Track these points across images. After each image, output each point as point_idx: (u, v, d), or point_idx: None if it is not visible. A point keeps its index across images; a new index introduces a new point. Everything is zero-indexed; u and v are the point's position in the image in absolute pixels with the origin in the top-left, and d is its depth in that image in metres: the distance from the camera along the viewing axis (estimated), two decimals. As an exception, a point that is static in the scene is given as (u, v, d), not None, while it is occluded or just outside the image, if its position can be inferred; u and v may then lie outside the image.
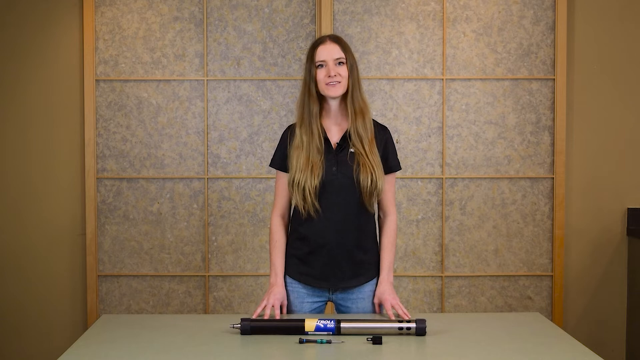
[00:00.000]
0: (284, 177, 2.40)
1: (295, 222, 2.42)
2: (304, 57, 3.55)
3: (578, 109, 3.59)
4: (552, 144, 3.57)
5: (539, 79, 3.56)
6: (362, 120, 2.33)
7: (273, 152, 3.53)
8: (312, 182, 2.29)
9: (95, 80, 3.56)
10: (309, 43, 3.54)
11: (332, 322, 2.09)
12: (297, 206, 2.34)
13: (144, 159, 3.59)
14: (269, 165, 2.47)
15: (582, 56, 3.58)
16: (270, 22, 3.56)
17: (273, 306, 2.32)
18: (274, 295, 2.34)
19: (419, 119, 3.57)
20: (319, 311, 2.44)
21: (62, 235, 3.62)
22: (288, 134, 2.40)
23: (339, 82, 2.29)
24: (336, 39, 2.33)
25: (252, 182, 3.59)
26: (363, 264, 2.39)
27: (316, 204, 2.30)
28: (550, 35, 3.55)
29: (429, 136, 3.57)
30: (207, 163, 3.58)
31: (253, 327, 2.11)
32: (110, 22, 3.56)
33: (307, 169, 2.29)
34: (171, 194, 3.59)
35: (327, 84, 2.29)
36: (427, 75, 3.56)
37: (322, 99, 2.36)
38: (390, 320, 2.14)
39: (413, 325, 2.09)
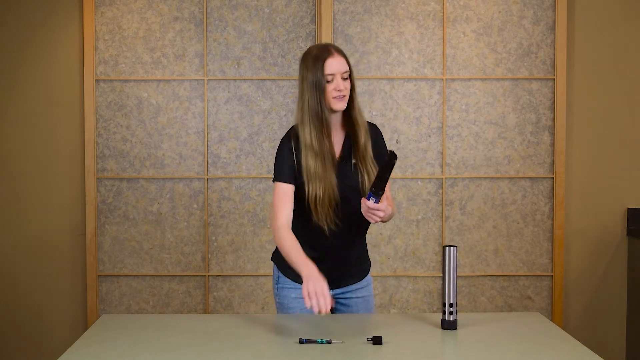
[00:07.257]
0: (289, 189, 2.33)
1: (300, 227, 2.38)
2: (304, 57, 3.55)
3: (578, 109, 3.59)
4: (552, 144, 3.57)
5: (539, 79, 3.56)
6: (365, 132, 2.34)
7: (273, 152, 3.56)
8: (331, 196, 2.29)
9: (95, 80, 3.56)
10: (309, 43, 3.54)
11: None
12: (312, 216, 2.32)
13: (144, 159, 3.59)
14: (275, 180, 2.33)
15: (582, 56, 3.57)
16: (270, 22, 3.56)
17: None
18: (318, 280, 2.08)
19: (419, 119, 3.57)
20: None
21: (62, 235, 3.62)
22: (292, 144, 2.33)
23: (345, 96, 2.28)
24: (340, 51, 2.30)
25: (252, 182, 3.59)
26: (363, 262, 2.48)
27: (331, 216, 2.30)
28: (550, 35, 3.55)
29: (429, 136, 3.57)
30: (207, 163, 3.58)
31: None
32: (110, 22, 3.56)
33: (329, 183, 2.28)
34: (171, 194, 3.59)
35: (334, 98, 2.26)
36: (427, 75, 3.56)
37: None
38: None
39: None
